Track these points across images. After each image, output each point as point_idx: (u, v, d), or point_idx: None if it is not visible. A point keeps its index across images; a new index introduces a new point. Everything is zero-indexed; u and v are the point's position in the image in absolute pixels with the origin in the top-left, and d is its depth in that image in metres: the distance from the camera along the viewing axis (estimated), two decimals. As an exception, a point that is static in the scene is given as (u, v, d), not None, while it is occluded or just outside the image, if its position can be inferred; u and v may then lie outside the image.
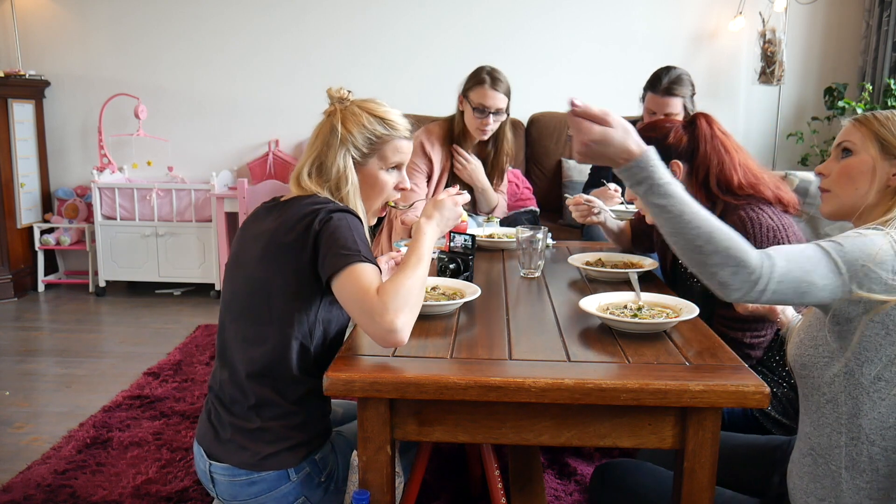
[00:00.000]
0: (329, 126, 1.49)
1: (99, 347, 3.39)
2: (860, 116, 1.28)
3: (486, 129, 2.69)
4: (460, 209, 1.50)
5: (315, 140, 1.50)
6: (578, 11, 4.24)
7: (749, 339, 1.61)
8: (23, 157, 4.20)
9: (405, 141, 1.53)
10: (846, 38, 4.20)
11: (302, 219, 1.35)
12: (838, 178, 1.27)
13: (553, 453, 2.27)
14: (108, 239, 4.20)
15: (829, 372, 1.16)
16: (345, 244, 1.30)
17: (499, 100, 2.67)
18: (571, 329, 1.44)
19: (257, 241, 1.41)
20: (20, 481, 2.11)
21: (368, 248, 1.35)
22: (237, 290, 1.43)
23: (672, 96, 2.72)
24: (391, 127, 1.50)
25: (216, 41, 4.33)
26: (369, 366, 1.22)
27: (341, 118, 1.48)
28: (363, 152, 1.49)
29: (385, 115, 1.51)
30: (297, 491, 1.38)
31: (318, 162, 1.47)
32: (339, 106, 1.50)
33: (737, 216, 1.64)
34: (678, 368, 1.21)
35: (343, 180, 1.46)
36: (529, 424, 1.21)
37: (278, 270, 1.36)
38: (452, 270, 1.78)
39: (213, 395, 1.45)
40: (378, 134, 1.49)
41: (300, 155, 4.50)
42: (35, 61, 4.34)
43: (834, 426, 1.17)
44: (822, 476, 1.19)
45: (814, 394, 1.20)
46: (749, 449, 1.51)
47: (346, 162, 1.47)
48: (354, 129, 1.47)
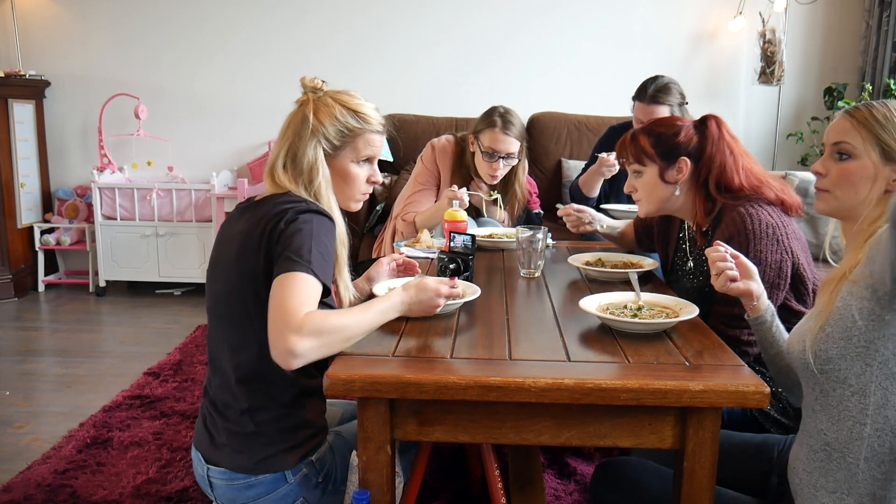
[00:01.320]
0: (301, 116, 1.45)
1: (99, 347, 3.39)
2: (857, 113, 1.25)
3: (495, 175, 2.59)
4: (441, 301, 1.42)
5: (287, 130, 1.47)
6: (579, 11, 4.24)
7: (746, 336, 1.61)
8: (23, 157, 4.20)
9: (377, 135, 1.51)
10: (846, 38, 4.20)
11: (271, 219, 1.33)
12: (839, 181, 1.26)
13: (553, 453, 2.27)
14: (109, 239, 4.21)
15: (860, 363, 1.16)
16: (298, 249, 1.27)
17: (510, 144, 2.56)
18: (571, 329, 1.44)
19: (231, 244, 1.39)
20: (20, 481, 2.11)
21: (325, 258, 1.31)
22: (218, 295, 1.41)
23: (658, 104, 2.72)
24: (364, 120, 1.48)
25: (216, 41, 4.33)
26: (369, 366, 1.22)
27: (314, 108, 1.44)
28: (335, 145, 1.46)
29: (358, 107, 1.48)
30: (295, 493, 1.38)
31: (290, 153, 1.44)
32: (313, 96, 1.47)
33: (736, 213, 1.64)
34: (678, 368, 1.21)
35: (314, 172, 1.43)
36: (529, 424, 1.21)
37: (251, 272, 1.34)
38: (452, 270, 1.78)
39: (208, 401, 1.45)
40: (350, 127, 1.46)
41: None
42: (35, 61, 4.34)
43: (857, 418, 1.17)
44: (835, 469, 1.20)
45: (837, 387, 1.19)
46: (745, 447, 1.52)
47: (316, 154, 1.44)
48: (326, 120, 1.44)
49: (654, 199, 1.80)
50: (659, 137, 1.77)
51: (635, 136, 1.81)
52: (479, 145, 2.61)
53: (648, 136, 1.79)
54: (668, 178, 1.77)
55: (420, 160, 2.81)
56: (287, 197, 1.40)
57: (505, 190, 2.72)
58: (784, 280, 1.61)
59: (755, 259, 1.54)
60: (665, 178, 1.77)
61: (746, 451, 1.50)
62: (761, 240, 1.59)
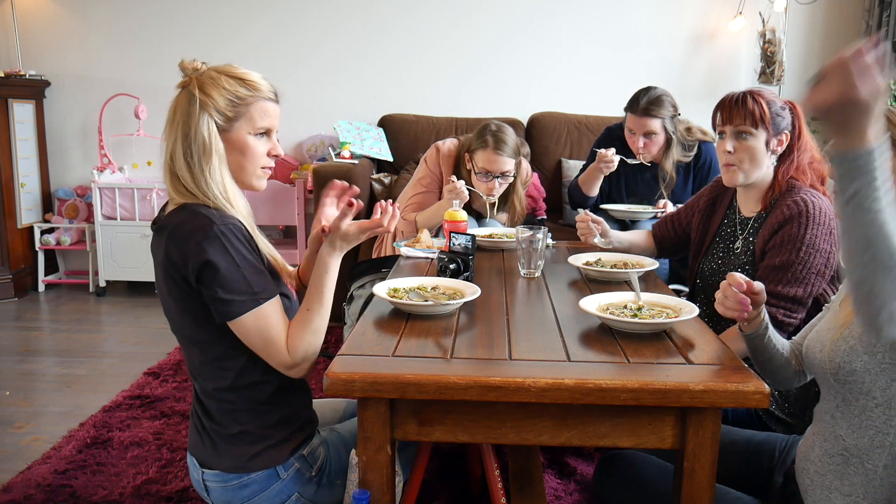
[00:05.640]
0: (186, 96, 1.37)
1: (99, 347, 3.39)
2: None
3: (492, 193, 2.57)
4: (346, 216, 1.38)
5: (174, 116, 1.38)
6: (579, 11, 4.23)
7: (782, 316, 1.66)
8: (23, 157, 4.20)
9: (271, 103, 1.42)
10: (846, 38, 4.20)
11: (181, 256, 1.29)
12: None
13: (553, 453, 2.26)
14: (109, 239, 4.20)
15: (885, 378, 1.16)
16: (230, 289, 1.28)
17: (503, 164, 2.53)
18: (571, 329, 1.44)
19: (158, 269, 1.37)
20: (20, 481, 2.11)
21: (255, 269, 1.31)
22: (171, 318, 1.42)
23: (650, 117, 2.72)
24: (253, 87, 1.39)
25: (216, 41, 4.33)
26: (369, 366, 1.22)
27: (198, 85, 1.36)
28: (227, 116, 1.36)
29: (245, 76, 1.40)
30: (289, 488, 1.39)
31: (183, 137, 1.35)
32: (195, 75, 1.39)
33: (798, 197, 1.69)
34: (678, 368, 1.21)
35: (209, 150, 1.35)
36: (529, 424, 1.21)
37: (186, 307, 1.35)
38: (452, 270, 1.78)
39: (195, 405, 1.47)
40: (241, 95, 1.37)
41: (300, 155, 4.51)
42: (35, 61, 4.34)
43: (881, 428, 1.17)
44: (852, 474, 1.20)
45: (859, 398, 1.20)
46: (746, 445, 1.51)
47: (210, 129, 1.35)
48: (214, 91, 1.36)
49: (755, 166, 1.77)
50: (772, 105, 1.76)
51: (753, 97, 1.76)
52: (473, 164, 2.59)
53: (765, 102, 1.76)
54: (770, 148, 1.77)
55: (423, 162, 2.81)
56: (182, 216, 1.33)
57: (504, 205, 2.71)
58: (829, 270, 1.66)
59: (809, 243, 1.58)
60: (769, 146, 1.77)
61: (747, 449, 1.50)
62: (819, 226, 1.63)
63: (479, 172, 2.55)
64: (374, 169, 3.98)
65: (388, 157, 3.97)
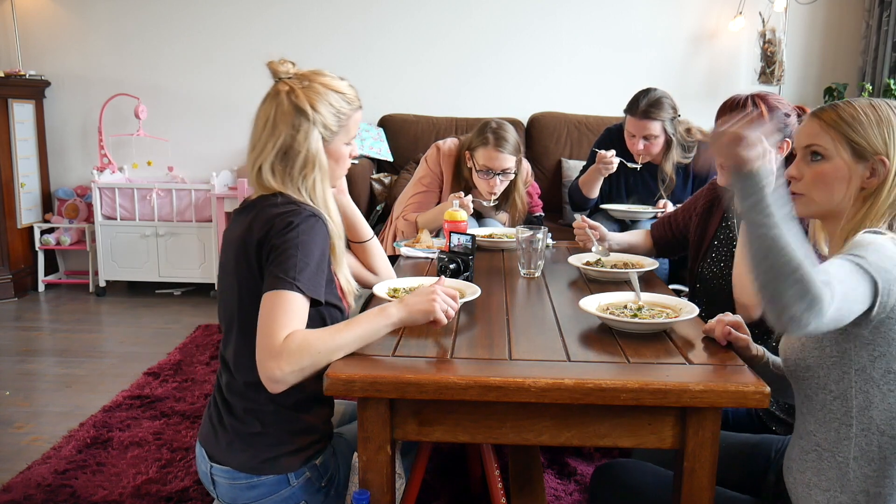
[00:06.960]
0: (291, 107, 1.38)
1: (99, 347, 3.39)
2: (824, 115, 1.25)
3: (493, 191, 2.57)
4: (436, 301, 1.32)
5: (274, 123, 1.38)
6: (579, 11, 4.24)
7: None
8: (23, 157, 4.20)
9: (360, 111, 1.50)
10: (846, 38, 4.20)
11: (262, 227, 1.31)
12: (814, 183, 1.26)
13: (553, 453, 2.27)
14: (109, 239, 4.20)
15: (837, 371, 1.17)
16: (285, 266, 1.26)
17: (504, 161, 2.53)
18: (571, 329, 1.44)
19: (230, 249, 1.39)
20: (20, 481, 2.11)
21: (314, 268, 1.29)
22: (226, 301, 1.41)
23: (650, 119, 2.71)
24: (351, 101, 1.45)
25: (216, 41, 4.33)
26: (369, 366, 1.22)
27: (307, 99, 1.39)
28: (332, 131, 1.42)
29: (343, 89, 1.45)
30: (297, 496, 1.38)
31: (283, 149, 1.38)
32: (298, 85, 1.41)
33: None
34: (678, 368, 1.22)
35: (312, 165, 1.38)
36: (529, 424, 1.21)
37: (248, 283, 1.33)
38: (452, 270, 1.78)
39: (216, 397, 1.44)
40: (343, 111, 1.43)
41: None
42: (35, 61, 4.34)
43: (843, 420, 1.18)
44: (827, 469, 1.21)
45: (818, 393, 1.21)
46: (742, 447, 1.52)
47: (318, 144, 1.39)
48: (323, 108, 1.39)
49: None
50: (774, 111, 1.74)
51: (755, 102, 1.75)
52: (474, 162, 2.59)
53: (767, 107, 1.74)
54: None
55: (424, 161, 2.81)
56: (276, 199, 1.36)
57: (506, 203, 2.71)
58: None
59: None
60: None
61: (744, 451, 1.51)
62: None
63: (480, 170, 2.56)
64: (374, 169, 3.98)
65: (388, 157, 3.98)
